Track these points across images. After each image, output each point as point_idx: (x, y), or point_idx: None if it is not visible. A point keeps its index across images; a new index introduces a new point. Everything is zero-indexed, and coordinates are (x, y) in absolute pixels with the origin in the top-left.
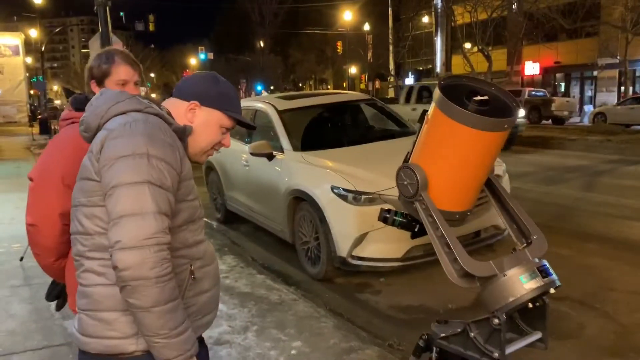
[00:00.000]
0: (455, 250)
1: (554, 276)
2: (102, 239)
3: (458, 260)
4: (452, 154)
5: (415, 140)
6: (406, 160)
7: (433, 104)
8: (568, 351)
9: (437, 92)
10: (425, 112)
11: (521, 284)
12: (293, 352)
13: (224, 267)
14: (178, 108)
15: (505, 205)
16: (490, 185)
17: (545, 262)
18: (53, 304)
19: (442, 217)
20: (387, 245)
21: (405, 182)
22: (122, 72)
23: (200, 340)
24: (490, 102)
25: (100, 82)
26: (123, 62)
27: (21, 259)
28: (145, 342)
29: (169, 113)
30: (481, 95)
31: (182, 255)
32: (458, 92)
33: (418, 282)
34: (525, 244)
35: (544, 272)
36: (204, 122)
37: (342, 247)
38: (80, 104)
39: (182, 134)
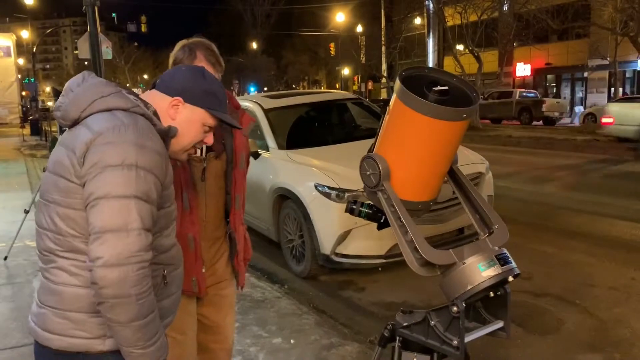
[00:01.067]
0: (416, 240)
1: (513, 264)
2: (77, 242)
3: (418, 249)
4: (412, 143)
5: (378, 131)
6: (370, 150)
7: (394, 95)
8: (547, 346)
9: (397, 83)
10: (387, 103)
11: (479, 271)
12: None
13: None
14: (160, 102)
15: (469, 195)
16: (454, 175)
17: (505, 251)
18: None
19: (404, 207)
20: (370, 243)
21: (368, 173)
22: None
23: None
24: (450, 93)
25: None
26: (204, 60)
27: (5, 258)
28: (112, 342)
29: (155, 113)
30: (441, 86)
31: (158, 261)
32: (419, 83)
33: (401, 279)
34: (487, 234)
35: (502, 260)
36: (186, 119)
37: (326, 245)
38: None
39: (166, 135)
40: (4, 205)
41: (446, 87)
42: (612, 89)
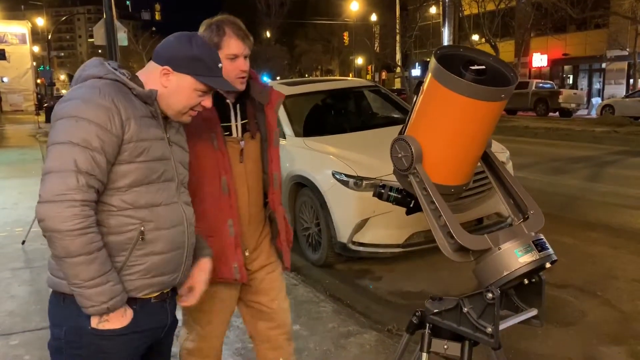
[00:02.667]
0: (450, 224)
1: (551, 250)
2: None
3: (452, 233)
4: (447, 124)
5: (411, 112)
6: (401, 132)
7: (429, 74)
8: (569, 337)
9: (432, 61)
10: (420, 82)
11: (516, 257)
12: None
13: None
14: (153, 72)
15: (502, 179)
16: (487, 159)
17: (542, 236)
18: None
19: (437, 190)
20: (388, 231)
21: (400, 155)
22: (232, 46)
23: (168, 296)
24: (487, 72)
25: None
26: (234, 35)
27: (23, 242)
28: None
29: (133, 79)
30: (478, 65)
31: (129, 215)
32: (455, 62)
33: (419, 268)
34: (522, 219)
35: (539, 246)
36: (176, 87)
37: (343, 233)
38: None
39: (148, 98)
40: (21, 190)
41: (483, 67)
42: (631, 80)
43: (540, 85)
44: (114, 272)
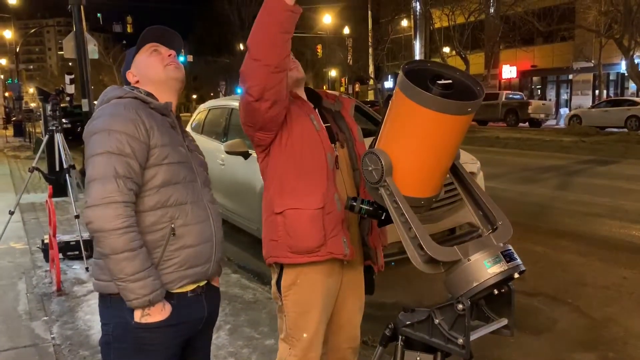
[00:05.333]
0: (420, 236)
1: (519, 261)
2: None
3: (422, 245)
4: (416, 138)
5: (380, 126)
6: (371, 145)
7: (397, 88)
8: (541, 345)
9: (400, 76)
10: (390, 96)
11: (485, 268)
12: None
13: None
14: (132, 82)
15: (471, 191)
16: (456, 171)
17: (510, 247)
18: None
19: (407, 203)
20: None
21: (370, 168)
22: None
23: (203, 290)
24: (454, 86)
25: None
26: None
27: None
28: None
29: (149, 94)
30: (445, 79)
31: (162, 213)
32: (422, 76)
33: (393, 279)
34: (490, 230)
35: (508, 257)
36: (141, 67)
37: None
38: None
39: (165, 109)
40: None
41: (450, 81)
42: (597, 91)
43: (510, 96)
44: (154, 268)
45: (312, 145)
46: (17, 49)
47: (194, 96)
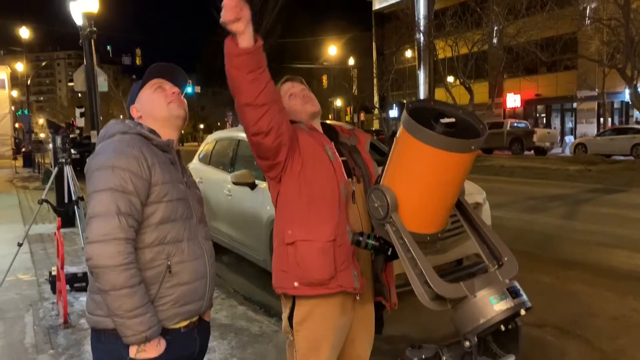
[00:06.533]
0: (426, 273)
1: (525, 297)
2: None
3: (429, 282)
4: (420, 175)
5: (386, 162)
6: (377, 182)
7: (401, 126)
8: None
9: (404, 115)
10: (394, 133)
11: (491, 305)
12: None
13: None
14: (135, 116)
15: (477, 227)
16: (460, 207)
17: (516, 283)
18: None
19: (413, 239)
20: None
21: (376, 204)
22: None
23: (195, 325)
24: (457, 125)
25: None
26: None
27: None
28: None
29: (152, 131)
30: (448, 118)
31: (159, 250)
32: (425, 115)
33: (400, 312)
34: (496, 266)
35: (514, 293)
36: (144, 103)
37: None
38: None
39: (166, 146)
40: None
41: (453, 119)
42: (602, 120)
43: (515, 124)
44: (151, 305)
45: (325, 175)
46: (28, 82)
47: (201, 126)
